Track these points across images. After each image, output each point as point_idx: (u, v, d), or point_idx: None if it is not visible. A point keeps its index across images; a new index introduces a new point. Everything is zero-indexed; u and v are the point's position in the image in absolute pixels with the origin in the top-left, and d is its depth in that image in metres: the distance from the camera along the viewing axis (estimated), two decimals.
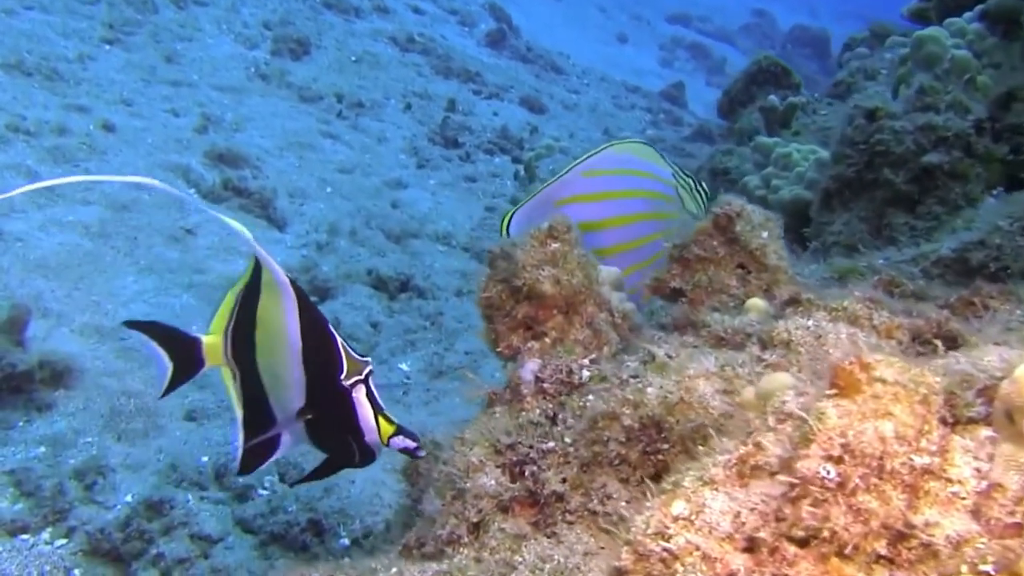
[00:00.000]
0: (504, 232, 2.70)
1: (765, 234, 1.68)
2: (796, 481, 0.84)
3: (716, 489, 0.92)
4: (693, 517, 0.90)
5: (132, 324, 1.85)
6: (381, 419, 1.75)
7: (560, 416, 1.57)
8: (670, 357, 1.52)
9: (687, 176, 2.46)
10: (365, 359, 1.76)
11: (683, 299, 1.73)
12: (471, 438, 1.61)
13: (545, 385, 1.62)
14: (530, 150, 6.87)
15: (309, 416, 1.72)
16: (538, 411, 1.60)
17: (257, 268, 1.73)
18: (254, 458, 1.78)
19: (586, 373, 1.61)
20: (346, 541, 2.96)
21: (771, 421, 0.93)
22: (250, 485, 3.04)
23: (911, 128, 2.22)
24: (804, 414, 0.85)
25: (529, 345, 1.69)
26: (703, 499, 0.91)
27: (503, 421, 1.60)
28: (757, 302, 1.55)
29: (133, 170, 5.01)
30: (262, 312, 1.72)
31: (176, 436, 3.32)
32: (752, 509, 0.89)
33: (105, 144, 5.36)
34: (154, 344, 1.80)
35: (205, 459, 3.21)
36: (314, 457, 1.84)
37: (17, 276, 3.93)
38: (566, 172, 2.47)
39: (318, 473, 1.83)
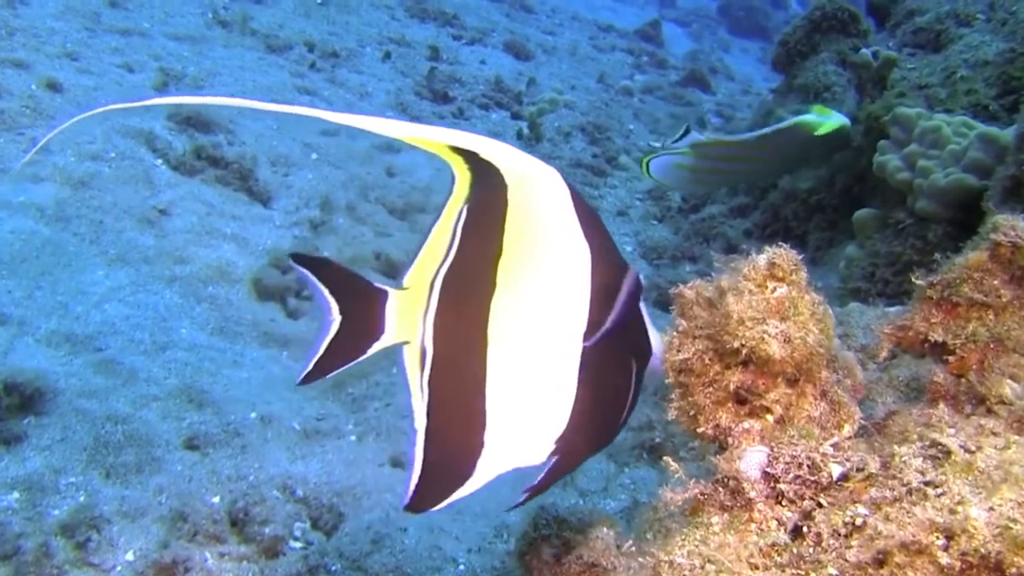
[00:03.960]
0: (646, 171, 2.59)
1: None
2: None
3: None
4: None
5: (297, 257, 1.33)
6: None
7: (811, 532, 1.20)
8: (971, 452, 1.16)
9: None
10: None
11: (948, 357, 1.34)
12: (686, 566, 1.22)
13: (781, 486, 1.23)
14: (530, 104, 6.44)
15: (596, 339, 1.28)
16: (775, 524, 1.23)
17: (481, 173, 1.28)
18: (434, 488, 1.30)
19: (838, 468, 1.23)
20: None
21: None
22: (278, 536, 2.64)
23: None
24: None
25: (746, 426, 1.31)
26: None
27: (734, 543, 1.21)
28: None
29: (89, 138, 4.50)
30: (514, 228, 1.28)
31: (177, 471, 2.91)
32: None
33: (52, 106, 4.83)
34: (318, 284, 1.31)
35: (216, 500, 2.80)
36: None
37: None
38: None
39: (561, 467, 1.35)
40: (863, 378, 1.43)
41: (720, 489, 1.27)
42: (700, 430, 1.33)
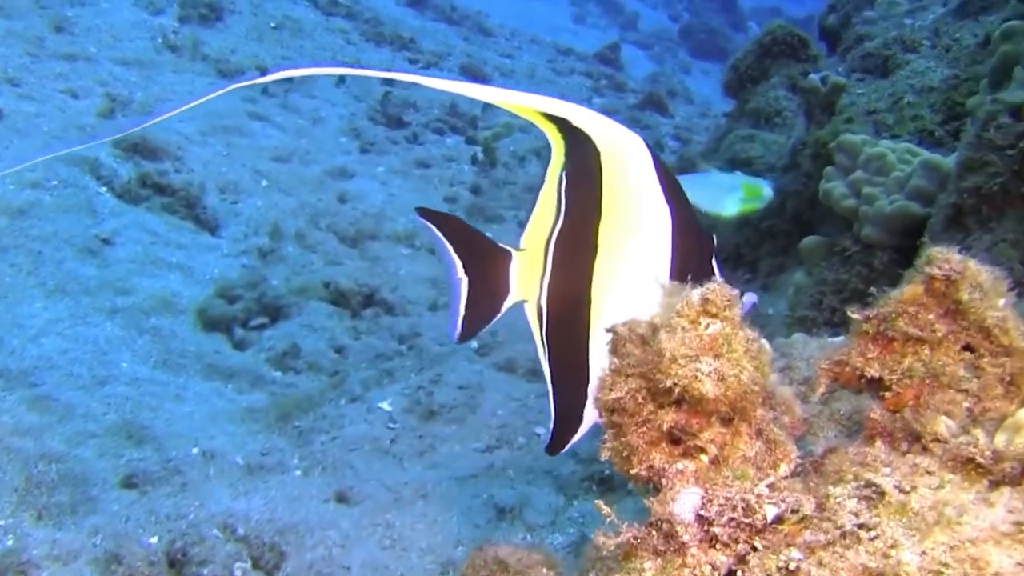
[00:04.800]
0: None
1: (1002, 301, 1.29)
2: None
3: None
4: None
5: (423, 211, 1.40)
6: None
7: None
8: (905, 492, 1.14)
9: None
10: None
11: (884, 393, 1.32)
12: None
13: (715, 529, 1.20)
14: (485, 128, 6.43)
15: None
16: (708, 569, 1.20)
17: (573, 140, 1.36)
18: (563, 432, 1.43)
19: (772, 510, 1.20)
20: None
21: None
22: None
23: None
24: None
25: (680, 466, 1.28)
26: None
27: None
28: None
29: (30, 166, 4.41)
30: (610, 193, 1.38)
31: (113, 511, 2.83)
32: None
33: None
34: (445, 242, 1.38)
35: (154, 540, 2.72)
36: None
37: None
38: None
39: None
40: (802, 413, 1.41)
41: (654, 533, 1.24)
42: (633, 471, 1.29)
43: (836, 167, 2.74)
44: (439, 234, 1.37)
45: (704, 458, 1.28)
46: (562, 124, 1.34)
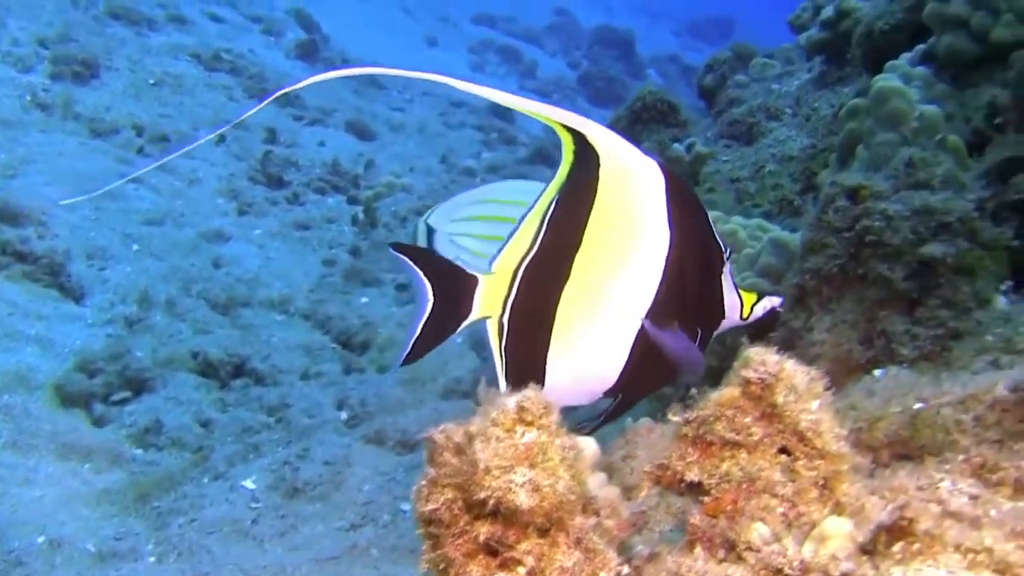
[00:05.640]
0: (423, 227, 2.64)
1: (816, 404, 1.30)
2: None
3: None
4: None
5: (397, 247, 1.49)
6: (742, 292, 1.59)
7: None
8: None
9: None
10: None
11: (704, 498, 1.32)
12: None
13: None
14: (367, 188, 6.39)
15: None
16: None
17: (582, 156, 1.42)
18: None
19: None
20: None
21: None
22: None
23: (906, 212, 1.91)
24: None
25: None
26: None
27: None
28: (838, 526, 1.16)
29: None
30: (599, 219, 1.43)
31: None
32: None
33: None
34: (417, 270, 1.46)
35: None
36: None
37: None
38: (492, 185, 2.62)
39: (622, 407, 1.58)
40: (629, 514, 1.40)
41: None
42: None
43: None
44: (410, 263, 1.45)
45: (521, 570, 1.25)
46: (578, 138, 1.41)
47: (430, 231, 2.85)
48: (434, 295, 1.46)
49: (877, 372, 1.70)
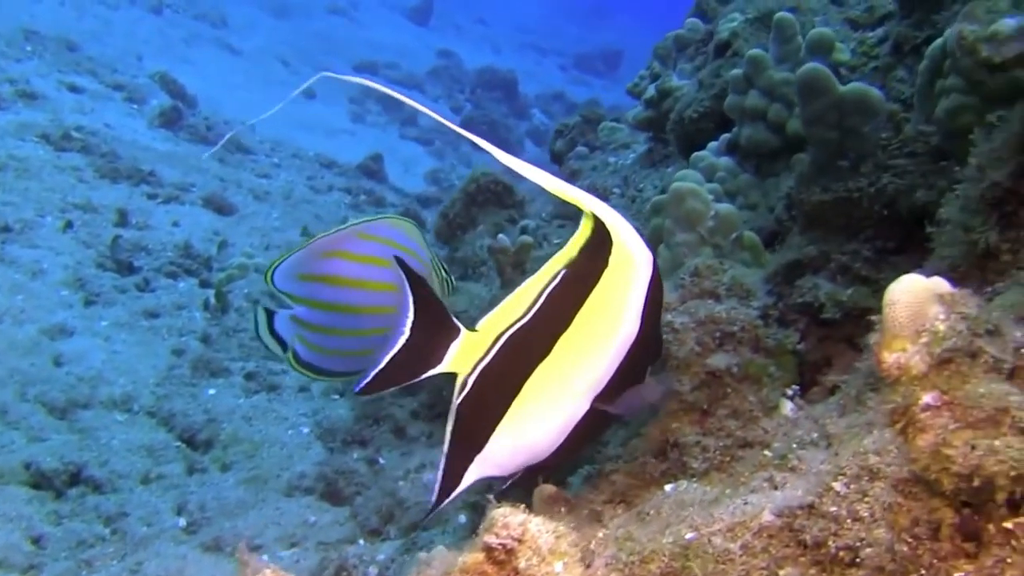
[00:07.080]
0: (269, 281, 2.70)
1: (559, 565, 1.39)
2: None
3: None
4: None
5: (400, 262, 1.46)
6: None
7: None
8: None
9: (441, 265, 2.88)
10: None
11: None
12: None
13: None
14: (220, 270, 6.34)
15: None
16: None
17: (593, 243, 1.48)
18: (450, 483, 1.54)
19: None
20: None
21: None
22: None
23: (692, 323, 2.01)
24: None
25: None
26: None
27: None
28: None
29: None
30: (594, 304, 1.49)
31: None
32: None
33: None
34: (409, 297, 1.45)
35: None
36: None
37: None
38: (343, 228, 2.71)
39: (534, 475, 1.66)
40: None
41: None
42: None
43: None
44: (408, 290, 1.45)
45: None
46: (597, 220, 1.47)
47: (269, 315, 2.87)
48: (411, 332, 1.46)
49: (668, 488, 1.78)
